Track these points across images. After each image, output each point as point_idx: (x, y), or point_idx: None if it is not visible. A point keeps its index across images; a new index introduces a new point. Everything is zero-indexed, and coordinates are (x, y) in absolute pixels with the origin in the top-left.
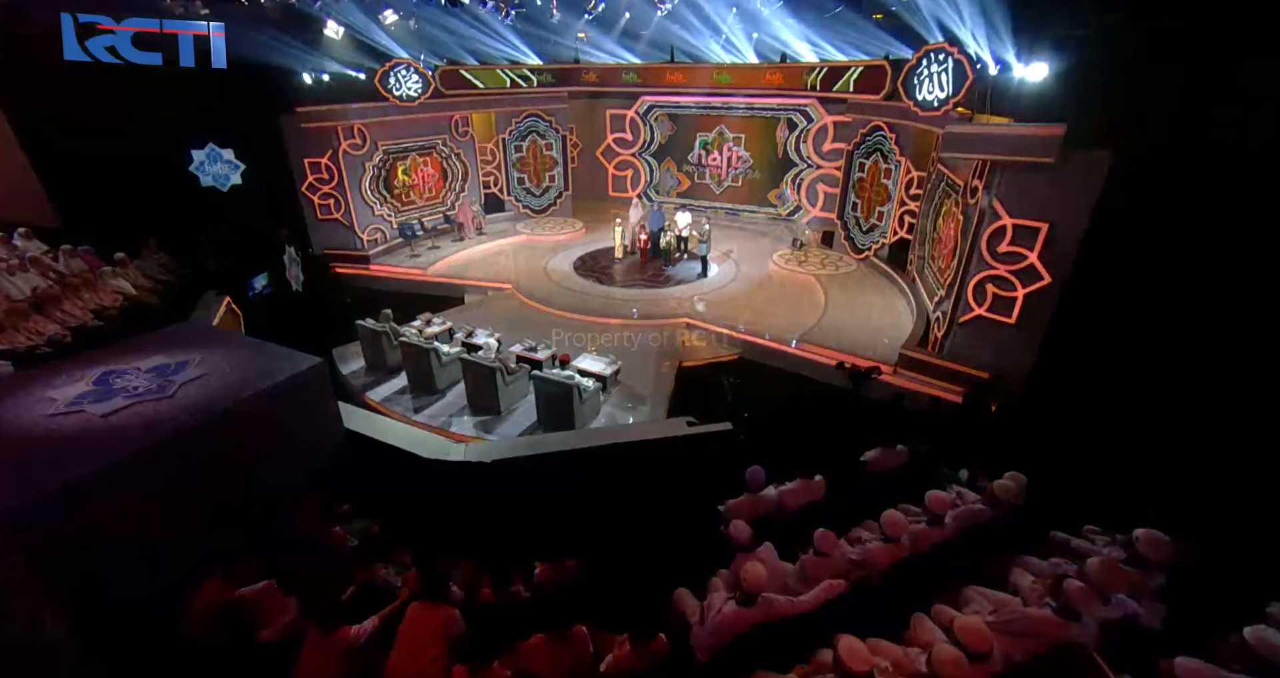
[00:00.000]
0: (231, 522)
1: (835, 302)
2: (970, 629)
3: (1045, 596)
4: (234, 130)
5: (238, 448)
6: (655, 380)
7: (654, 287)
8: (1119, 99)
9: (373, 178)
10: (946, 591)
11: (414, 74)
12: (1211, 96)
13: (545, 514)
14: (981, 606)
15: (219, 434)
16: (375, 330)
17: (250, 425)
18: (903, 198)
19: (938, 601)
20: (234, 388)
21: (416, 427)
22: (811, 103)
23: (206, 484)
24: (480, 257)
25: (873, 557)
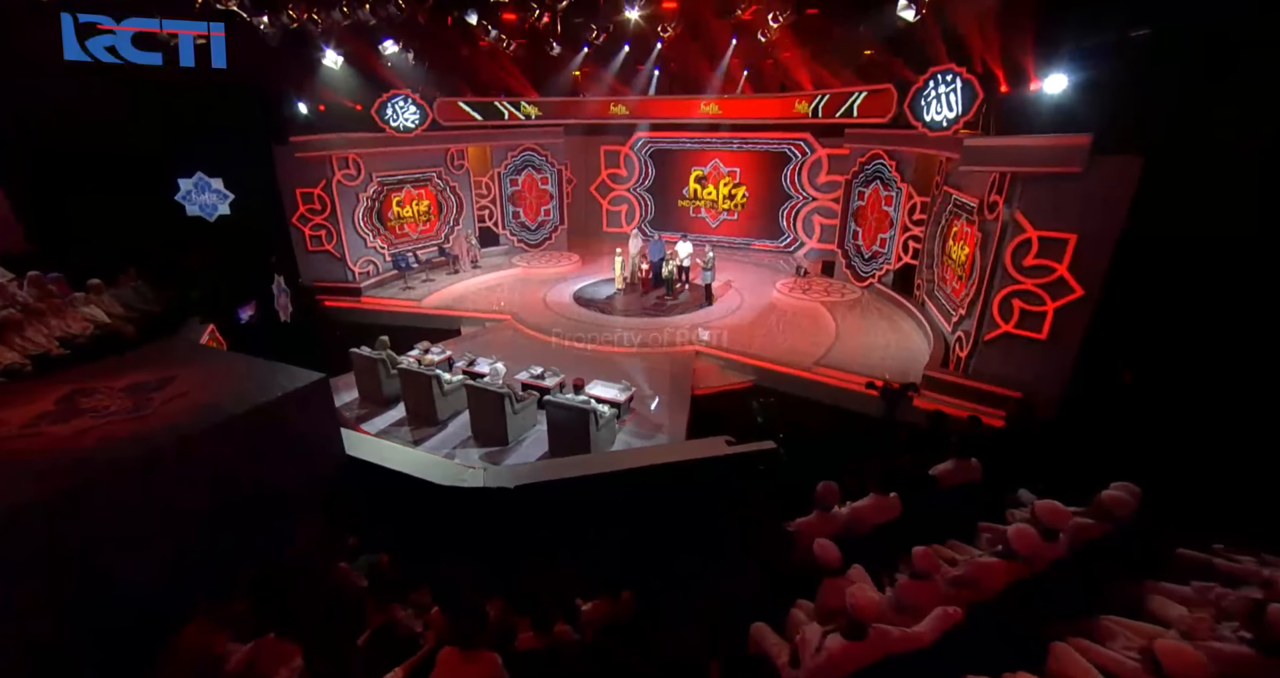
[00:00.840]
0: (219, 553)
1: (846, 327)
2: (1180, 656)
3: (1215, 626)
4: (225, 159)
5: (224, 472)
6: (670, 408)
7: (658, 316)
8: (1147, 104)
9: (366, 209)
10: (1071, 618)
11: (411, 105)
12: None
13: (579, 544)
14: (1129, 639)
15: (199, 456)
16: (371, 358)
17: (239, 447)
18: (906, 223)
19: (1063, 628)
20: (222, 406)
21: None
22: (805, 136)
23: (186, 511)
24: (475, 289)
25: (986, 575)
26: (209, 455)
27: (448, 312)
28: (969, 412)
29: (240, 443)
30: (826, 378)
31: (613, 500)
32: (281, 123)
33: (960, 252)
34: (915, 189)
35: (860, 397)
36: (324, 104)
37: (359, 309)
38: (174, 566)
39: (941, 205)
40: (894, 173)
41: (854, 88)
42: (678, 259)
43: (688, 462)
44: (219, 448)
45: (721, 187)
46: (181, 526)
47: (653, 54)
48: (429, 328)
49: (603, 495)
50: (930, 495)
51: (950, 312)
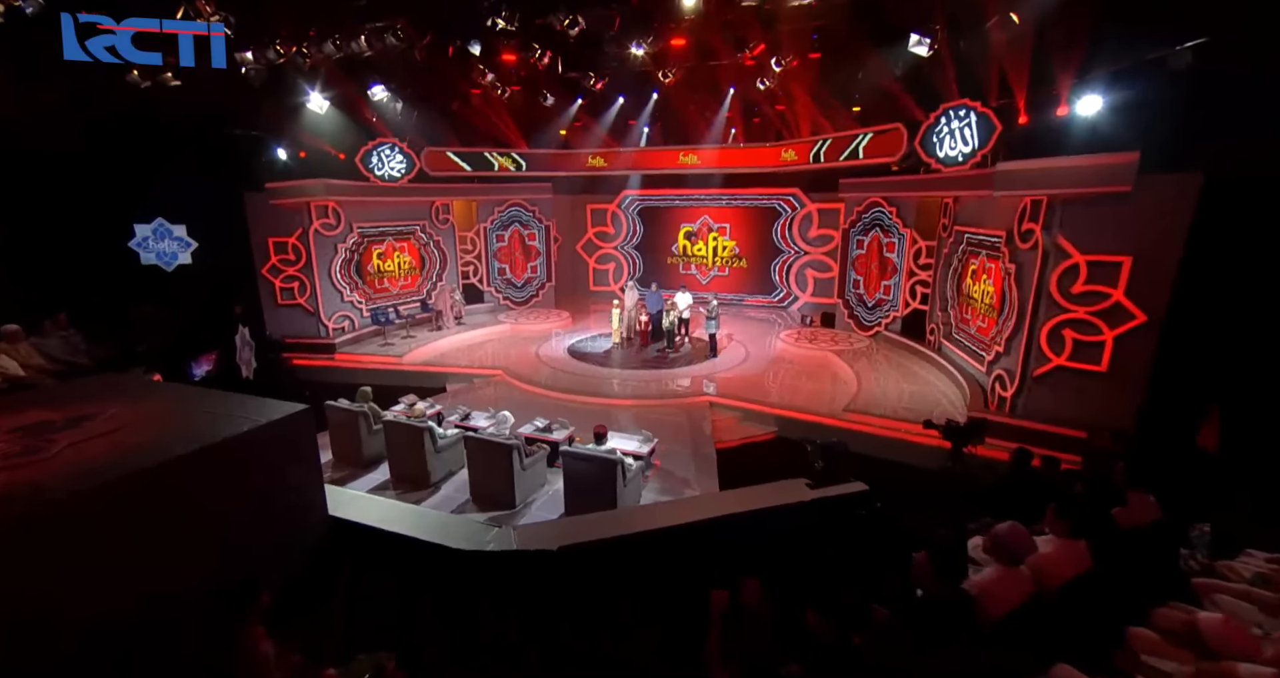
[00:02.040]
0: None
1: (864, 374)
2: None
3: None
4: (191, 205)
5: (146, 541)
6: (694, 461)
7: (661, 368)
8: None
9: (344, 261)
10: None
11: (398, 154)
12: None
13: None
14: None
15: (107, 518)
16: (350, 412)
17: (174, 505)
18: (912, 268)
19: None
20: (158, 447)
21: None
22: (794, 191)
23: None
24: (461, 346)
25: None
26: (124, 517)
27: (432, 368)
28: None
29: (175, 499)
30: (860, 425)
31: (685, 561)
32: (257, 168)
33: (983, 289)
34: (919, 234)
35: (900, 444)
36: (305, 150)
37: (332, 367)
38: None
39: (953, 246)
40: (895, 219)
41: (859, 130)
42: (677, 311)
43: (772, 509)
44: (143, 505)
45: (711, 242)
46: (73, 622)
47: (648, 105)
48: (411, 386)
49: (671, 555)
50: (1114, 541)
51: (978, 352)
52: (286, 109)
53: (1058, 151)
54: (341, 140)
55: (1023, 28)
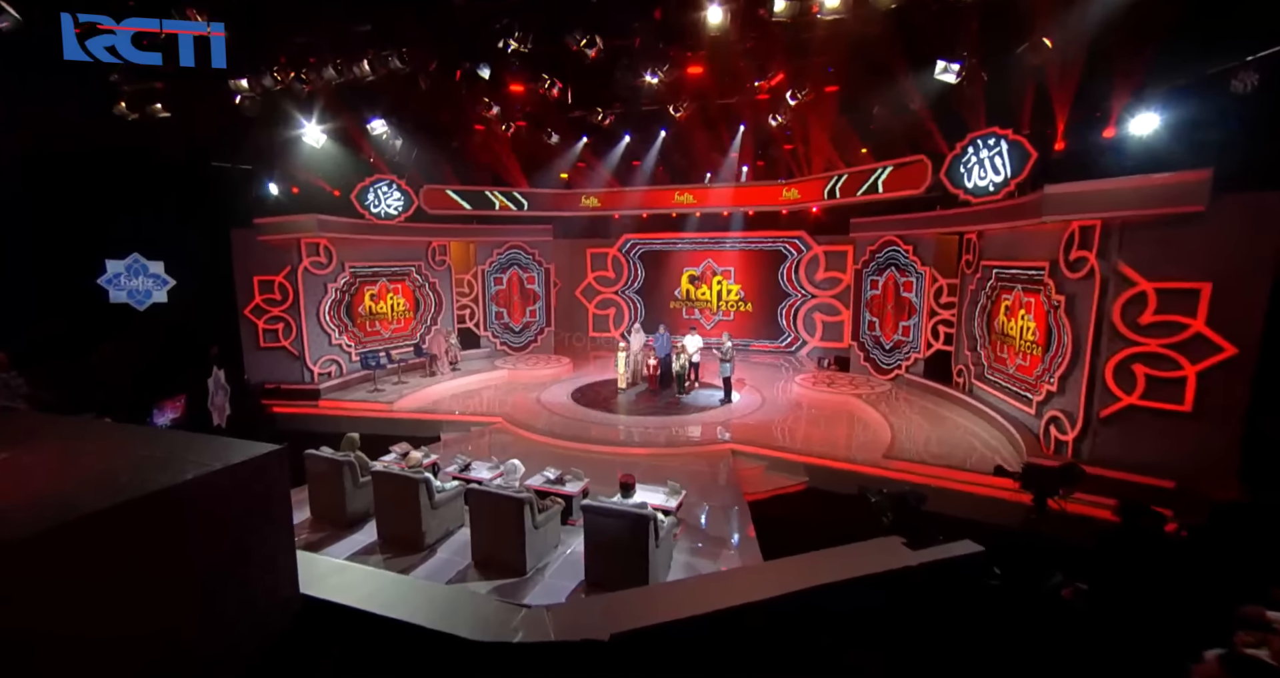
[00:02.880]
0: None
1: (894, 419)
2: None
3: None
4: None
5: (33, 627)
6: (726, 517)
7: (673, 414)
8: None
9: (334, 302)
10: None
11: (396, 191)
12: None
13: None
14: None
15: None
16: (334, 462)
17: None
18: (933, 308)
19: None
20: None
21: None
22: (800, 234)
23: None
24: (456, 392)
25: None
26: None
27: (425, 416)
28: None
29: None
30: (903, 473)
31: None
32: (246, 203)
33: (1022, 325)
34: (939, 272)
35: (956, 496)
36: (298, 186)
37: (316, 415)
38: None
39: (980, 283)
40: (911, 257)
41: (878, 163)
42: (687, 354)
43: (876, 577)
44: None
45: (715, 286)
46: None
47: (655, 144)
48: (402, 435)
49: (753, 639)
50: None
51: (1021, 392)
52: (280, 142)
53: (1106, 174)
54: (337, 176)
55: (1063, 50)
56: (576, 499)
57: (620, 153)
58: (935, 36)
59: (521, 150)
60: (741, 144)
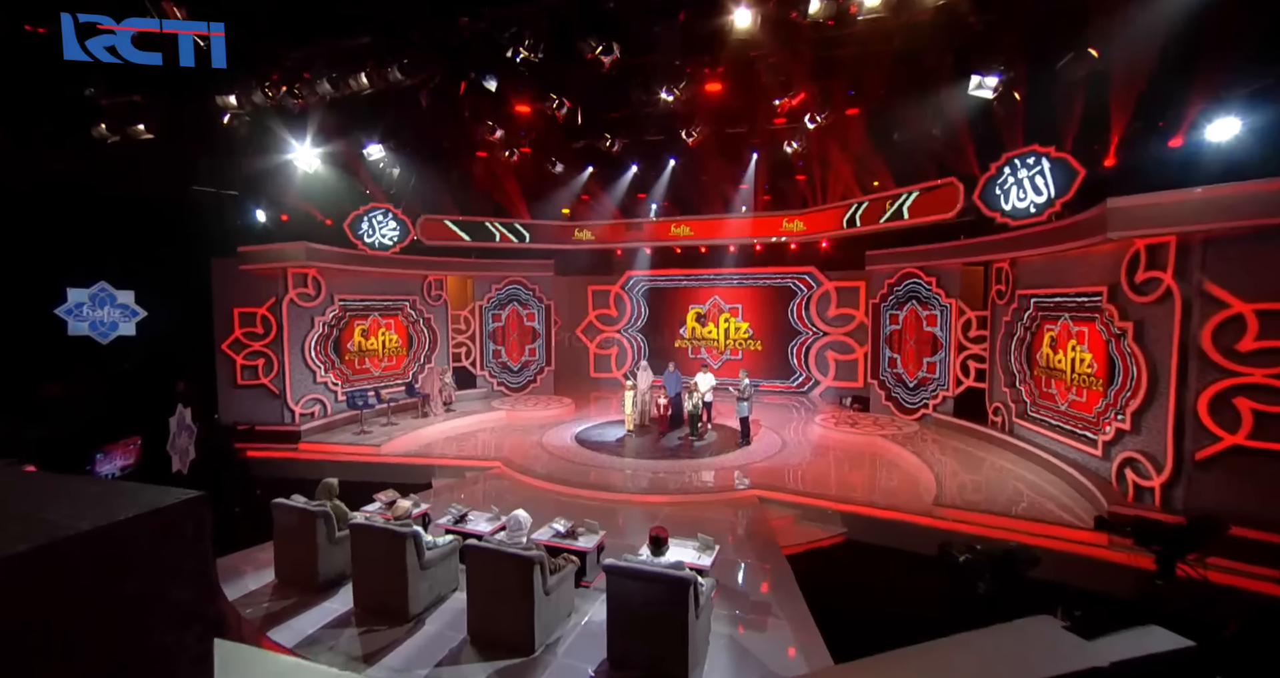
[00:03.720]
0: None
1: (935, 462)
2: None
3: None
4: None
5: None
6: (762, 576)
7: (687, 458)
8: None
9: (321, 337)
10: None
11: (392, 220)
12: None
13: None
14: None
15: None
16: (306, 513)
17: None
18: (961, 342)
19: None
20: None
21: None
22: (810, 269)
23: None
24: (451, 434)
25: None
26: None
27: (415, 460)
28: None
29: None
30: (962, 524)
31: None
32: (230, 230)
33: (1073, 357)
34: (966, 304)
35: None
36: (287, 213)
37: (295, 459)
38: None
39: (1016, 314)
40: (935, 289)
41: (901, 189)
42: (699, 394)
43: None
44: None
45: (722, 324)
46: None
47: (663, 174)
48: (390, 481)
49: None
50: None
51: (1078, 431)
52: (270, 166)
53: (1174, 187)
54: (330, 204)
55: (1123, 58)
56: (591, 556)
57: (626, 184)
58: (970, 50)
59: (525, 180)
60: (755, 174)
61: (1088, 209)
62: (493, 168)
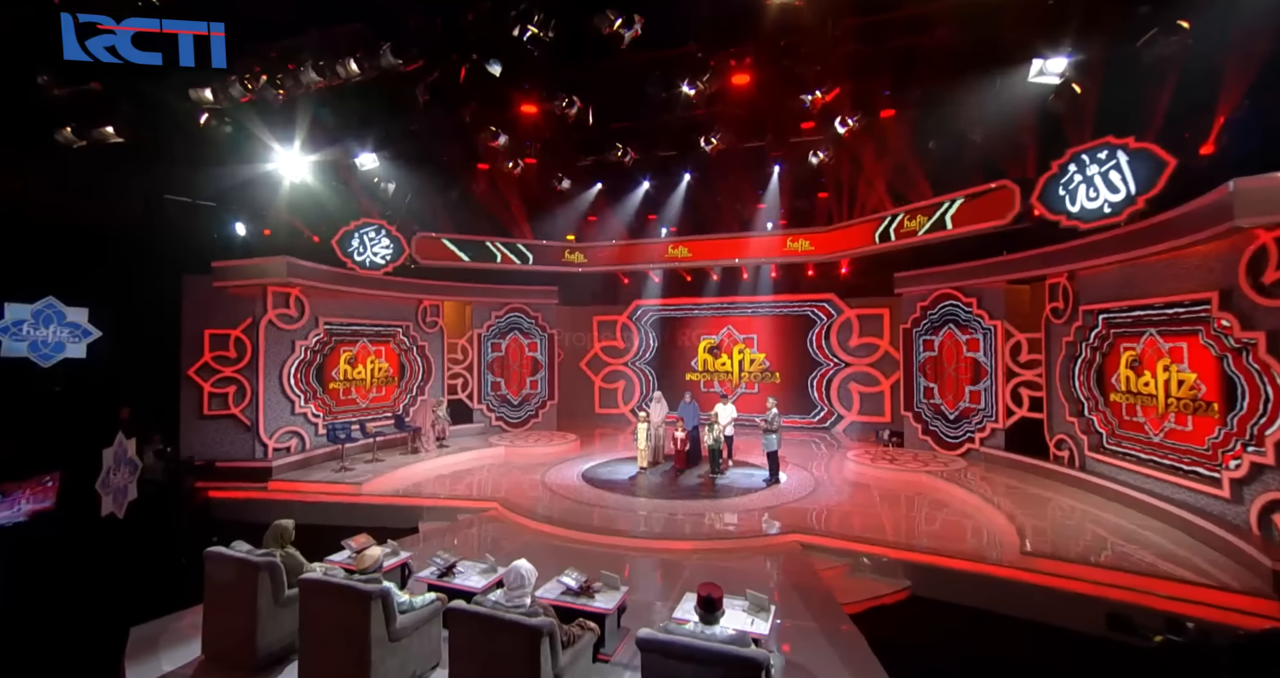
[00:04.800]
0: None
1: (1001, 503)
2: None
3: None
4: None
5: None
6: (827, 644)
7: (708, 498)
8: None
9: (303, 363)
10: None
11: (385, 237)
12: None
13: None
14: None
15: None
16: (247, 566)
17: None
18: (1010, 368)
19: None
20: None
21: None
22: (830, 297)
23: None
24: (443, 472)
25: None
26: None
27: (401, 500)
28: None
29: None
30: (1071, 582)
31: None
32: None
33: (1165, 378)
34: (1013, 325)
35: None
36: (270, 227)
37: (264, 500)
38: None
39: (1080, 333)
40: (976, 311)
41: (942, 197)
42: (720, 426)
43: None
44: None
45: (737, 356)
46: None
47: (679, 189)
48: (371, 525)
49: None
50: None
51: (1184, 466)
52: (251, 174)
53: None
54: (318, 218)
55: (1239, 28)
56: (611, 620)
57: (637, 203)
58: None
59: (529, 198)
60: (779, 191)
61: (1181, 204)
62: (495, 181)
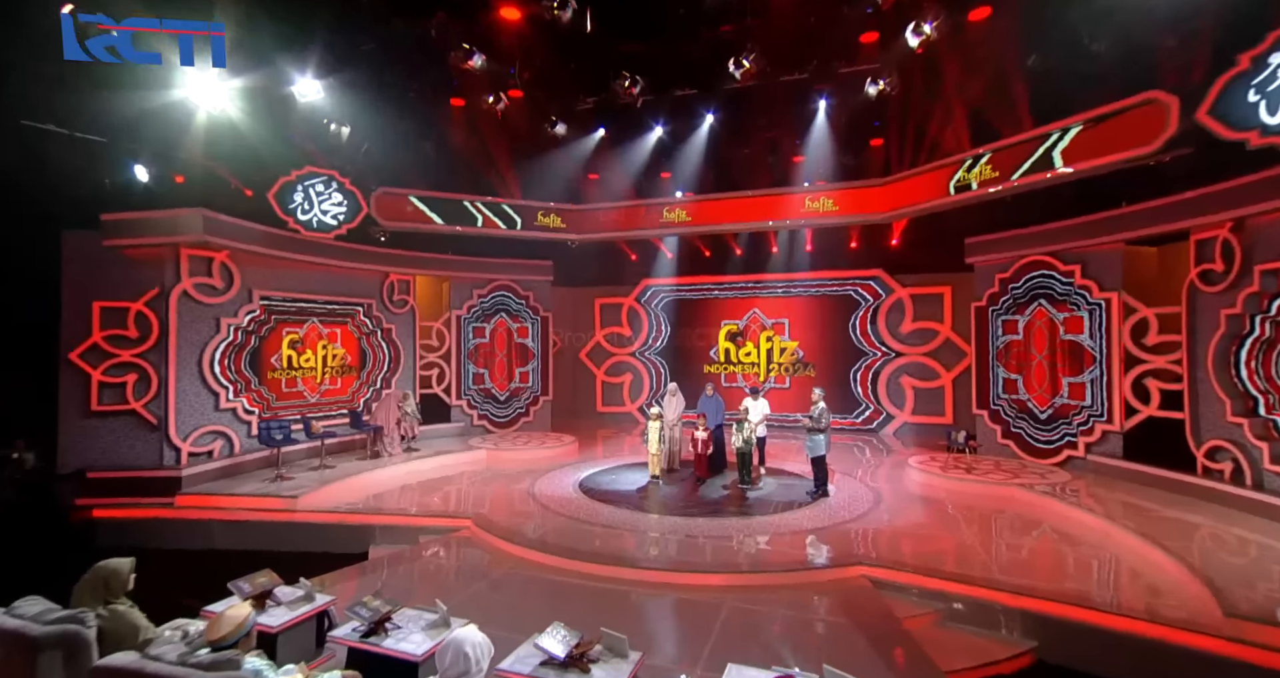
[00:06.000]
0: None
1: (1143, 532)
2: None
3: None
4: None
5: None
6: None
7: (738, 516)
8: None
9: (231, 345)
10: None
11: (336, 192)
12: None
13: None
14: None
15: None
16: (23, 641)
17: None
18: (1132, 353)
19: None
20: None
21: None
22: (877, 273)
23: None
24: (409, 481)
25: None
26: None
27: (347, 518)
28: None
29: None
30: None
31: None
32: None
33: None
34: (1135, 297)
35: None
36: (183, 173)
37: (170, 520)
38: None
39: (1255, 302)
40: (1080, 281)
41: (1052, 125)
42: (750, 424)
43: None
44: None
45: (764, 344)
46: None
47: (702, 128)
48: (310, 550)
49: None
50: None
51: None
52: (154, 102)
53: None
54: (249, 166)
55: None
56: None
57: (648, 154)
58: None
59: (517, 148)
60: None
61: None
62: (475, 125)
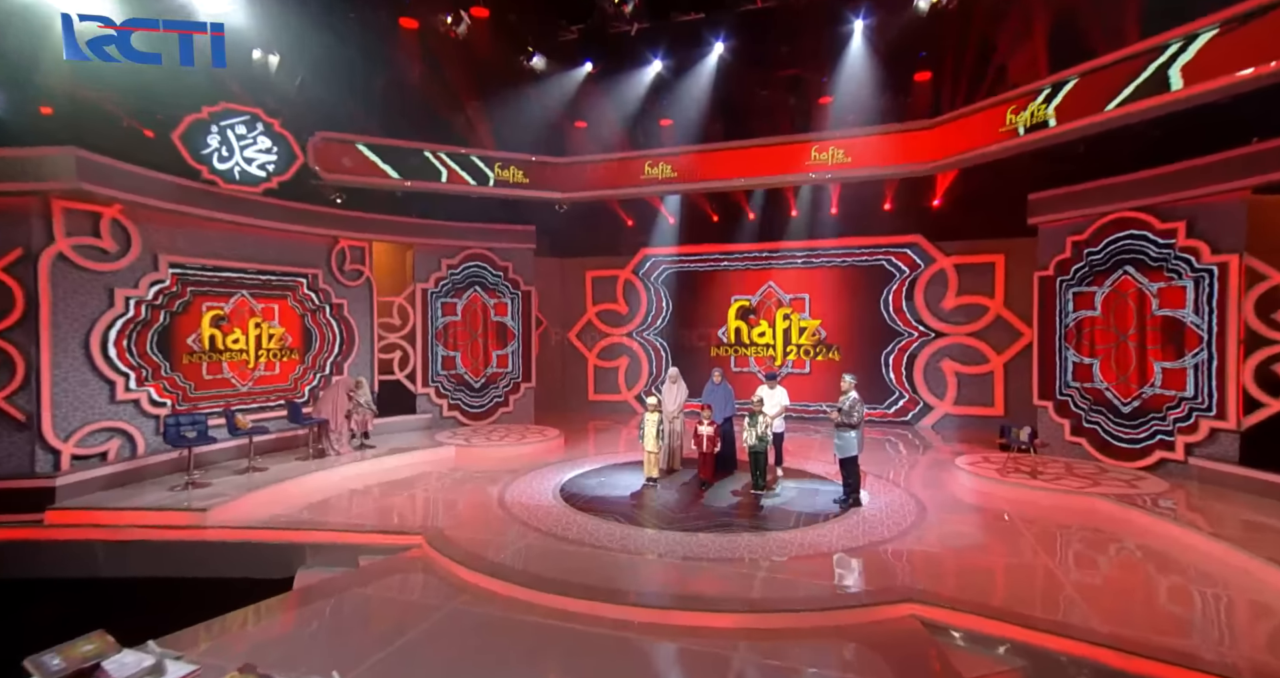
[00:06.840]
0: None
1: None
2: None
3: None
4: None
5: None
6: None
7: (754, 530)
8: None
9: (132, 322)
10: None
11: (263, 135)
12: None
13: None
14: None
15: None
16: None
17: None
18: (1255, 332)
19: None
20: None
21: None
22: (915, 239)
23: None
24: (356, 486)
25: None
26: None
27: (269, 535)
28: None
29: None
30: None
31: None
32: None
33: None
34: (1263, 260)
35: None
36: (53, 104)
37: (39, 542)
38: None
39: None
40: (1184, 242)
41: (1168, 34)
42: (766, 418)
43: None
44: None
45: (781, 323)
46: None
47: (709, 58)
48: (220, 575)
49: None
50: None
51: None
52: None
53: None
54: (143, 97)
55: None
56: None
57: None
58: None
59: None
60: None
61: None
62: (434, 54)
